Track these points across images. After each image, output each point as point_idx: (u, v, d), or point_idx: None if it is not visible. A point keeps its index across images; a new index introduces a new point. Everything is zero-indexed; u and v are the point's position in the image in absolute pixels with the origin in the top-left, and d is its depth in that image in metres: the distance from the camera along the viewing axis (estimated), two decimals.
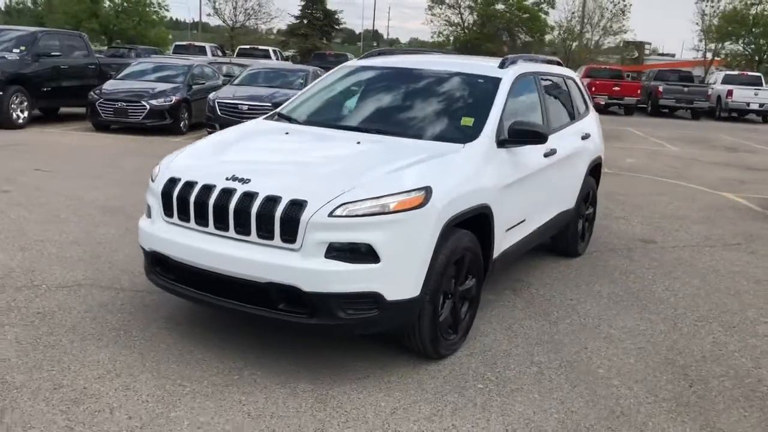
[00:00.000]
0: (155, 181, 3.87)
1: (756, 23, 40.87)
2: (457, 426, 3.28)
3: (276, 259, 3.38)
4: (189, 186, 3.66)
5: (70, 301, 4.45)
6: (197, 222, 3.62)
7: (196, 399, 3.35)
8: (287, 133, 4.41)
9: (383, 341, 4.00)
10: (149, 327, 4.13)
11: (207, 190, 3.58)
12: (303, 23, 43.60)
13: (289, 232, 3.36)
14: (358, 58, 5.72)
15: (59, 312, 4.27)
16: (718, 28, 42.19)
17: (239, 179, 3.55)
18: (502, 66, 4.89)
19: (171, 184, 3.74)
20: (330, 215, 3.32)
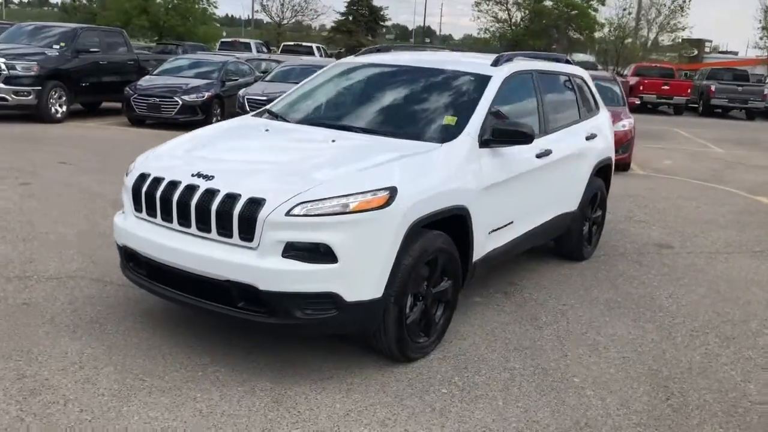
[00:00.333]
0: (128, 177, 3.91)
1: None
2: (409, 431, 3.21)
3: (234, 257, 3.36)
4: (156, 182, 3.68)
5: (56, 293, 4.53)
6: (163, 218, 3.64)
7: (152, 394, 3.37)
8: (267, 130, 4.40)
9: (356, 342, 3.95)
10: (125, 321, 4.17)
11: (172, 186, 3.60)
12: (348, 20, 43.76)
13: (247, 230, 3.35)
14: (355, 54, 5.67)
15: (43, 303, 4.36)
16: None
17: (204, 176, 3.55)
18: (495, 64, 4.78)
19: (141, 180, 3.77)
20: (287, 214, 3.29)
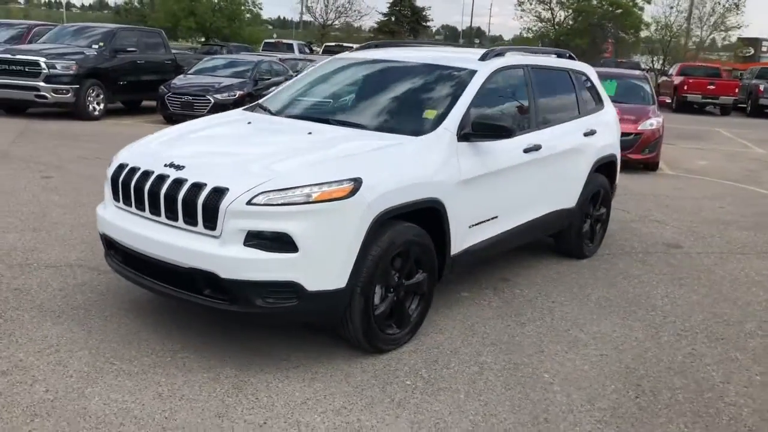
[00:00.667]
0: (109, 167, 4.03)
1: None
2: (362, 420, 3.24)
3: (197, 246, 3.44)
4: (132, 172, 3.79)
5: (50, 280, 4.70)
6: (137, 207, 3.75)
7: (118, 377, 3.47)
8: (249, 123, 4.48)
9: (328, 332, 3.98)
10: (110, 308, 4.30)
11: (145, 176, 3.70)
12: (391, 20, 43.83)
13: (210, 218, 3.42)
14: (351, 50, 5.71)
15: (36, 289, 4.52)
16: None
17: (175, 166, 3.63)
18: (483, 58, 4.76)
19: (119, 170, 3.89)
20: (248, 203, 3.35)
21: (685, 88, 25.37)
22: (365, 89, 4.84)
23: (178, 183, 3.54)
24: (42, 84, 12.75)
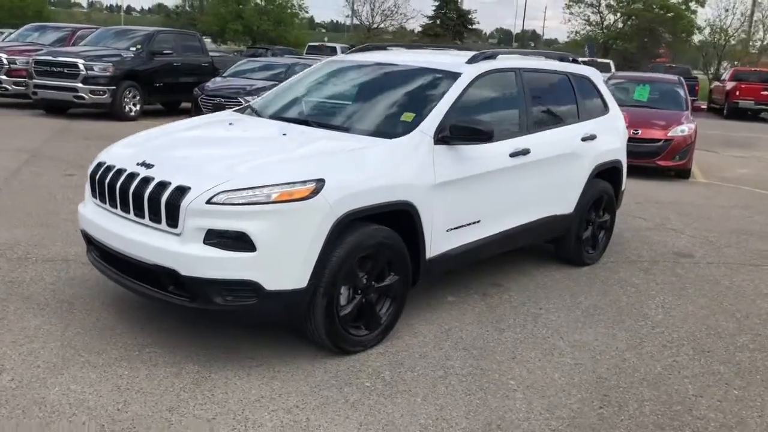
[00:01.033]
0: (91, 165, 4.15)
1: None
2: (311, 420, 3.25)
3: (160, 243, 3.51)
4: (107, 170, 3.89)
5: (44, 273, 4.85)
6: (110, 204, 3.84)
7: (83, 369, 3.56)
8: (231, 124, 4.54)
9: (299, 332, 4.00)
10: (94, 302, 4.41)
11: (118, 173, 3.79)
12: (436, 23, 43.73)
13: (172, 216, 3.48)
14: (345, 52, 5.73)
15: (28, 282, 4.67)
16: None
17: (146, 164, 3.72)
18: (471, 61, 4.73)
19: (97, 168, 4.00)
20: (208, 202, 3.40)
21: (737, 93, 24.63)
22: (349, 91, 4.87)
23: (145, 181, 3.62)
24: (80, 85, 13.18)
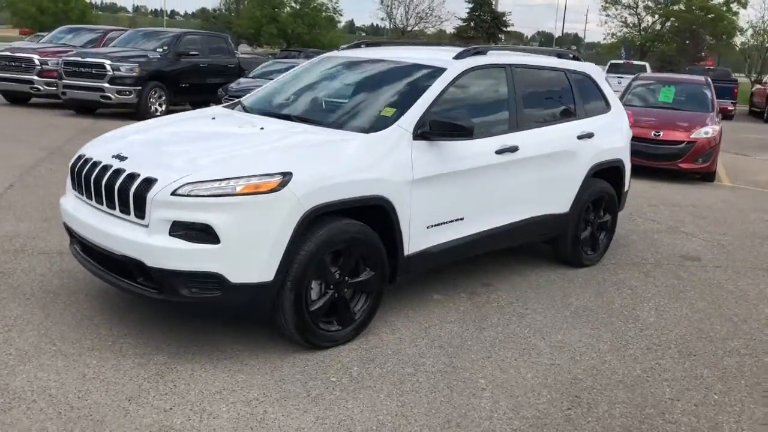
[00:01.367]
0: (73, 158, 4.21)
1: None
2: (268, 412, 3.24)
3: (129, 234, 3.54)
4: (85, 162, 3.95)
5: (37, 265, 4.94)
6: (86, 196, 3.90)
7: (53, 357, 3.61)
8: (213, 119, 4.57)
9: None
10: (79, 293, 4.48)
11: (94, 166, 3.84)
12: (470, 26, 43.47)
13: (140, 208, 3.51)
14: (338, 48, 5.73)
15: (18, 273, 4.76)
16: None
17: (120, 157, 3.76)
18: (459, 57, 4.67)
19: (77, 160, 4.06)
20: (173, 194, 3.42)
21: None
22: (335, 87, 4.86)
23: (116, 173, 3.66)
24: (107, 85, 13.43)
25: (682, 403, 3.60)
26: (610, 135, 5.72)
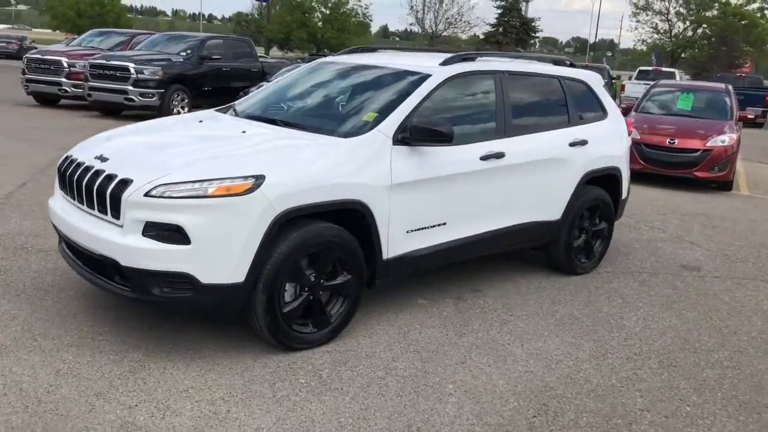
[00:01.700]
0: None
1: None
2: (231, 412, 3.28)
3: (105, 234, 3.63)
4: (71, 163, 4.05)
5: (33, 262, 5.07)
6: (71, 196, 4.00)
7: (31, 352, 3.71)
8: (200, 122, 4.65)
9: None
10: (67, 290, 4.59)
11: (77, 167, 3.95)
12: (498, 31, 43.25)
13: (116, 208, 3.60)
14: (336, 53, 5.78)
15: (14, 270, 4.90)
16: None
17: (102, 158, 3.86)
18: (446, 63, 4.69)
19: (64, 161, 4.17)
20: (146, 195, 3.50)
21: None
22: (323, 92, 4.91)
23: (96, 174, 3.75)
24: (130, 88, 13.70)
25: (651, 414, 3.56)
26: (605, 142, 5.68)
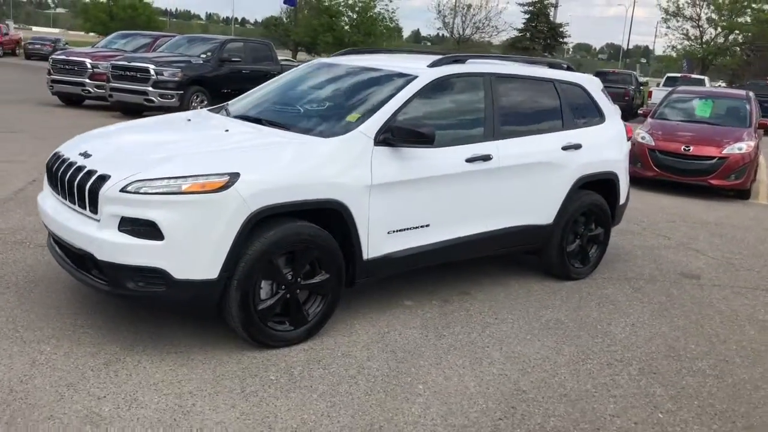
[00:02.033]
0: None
1: None
2: (197, 406, 3.32)
3: (84, 228, 3.70)
4: (56, 159, 4.14)
5: (29, 257, 5.18)
6: (56, 191, 4.09)
7: (12, 343, 3.78)
8: (189, 120, 4.72)
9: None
10: (57, 284, 4.67)
11: (62, 163, 4.04)
12: (526, 36, 43.04)
13: (94, 203, 3.67)
14: (330, 55, 5.82)
15: (9, 263, 5.00)
16: None
17: (85, 154, 3.94)
18: (434, 65, 4.70)
19: (52, 157, 4.26)
20: (121, 190, 3.56)
21: None
22: (311, 92, 4.94)
23: (78, 170, 3.83)
24: (150, 89, 13.91)
25: (621, 420, 3.52)
26: (602, 147, 5.62)
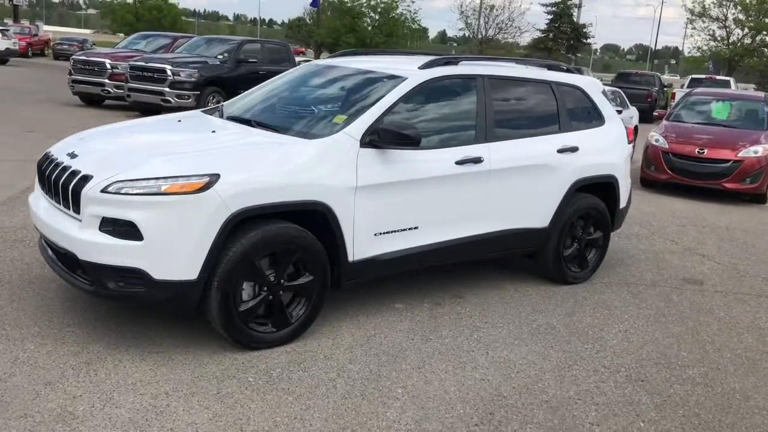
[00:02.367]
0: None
1: None
2: (171, 406, 3.33)
3: (67, 228, 3.73)
4: (46, 159, 4.19)
5: (26, 255, 5.24)
6: (44, 191, 4.13)
7: None
8: (179, 121, 4.74)
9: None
10: (52, 283, 4.72)
11: (50, 163, 4.08)
12: (548, 37, 42.67)
13: (77, 203, 3.70)
14: (328, 56, 5.81)
15: (7, 262, 5.07)
16: None
17: (72, 155, 3.97)
18: (425, 66, 4.67)
19: (43, 157, 4.31)
20: (102, 191, 3.58)
21: None
22: (302, 94, 4.95)
23: (64, 170, 3.87)
24: (167, 89, 14.05)
25: (601, 428, 3.46)
26: (600, 149, 5.55)
